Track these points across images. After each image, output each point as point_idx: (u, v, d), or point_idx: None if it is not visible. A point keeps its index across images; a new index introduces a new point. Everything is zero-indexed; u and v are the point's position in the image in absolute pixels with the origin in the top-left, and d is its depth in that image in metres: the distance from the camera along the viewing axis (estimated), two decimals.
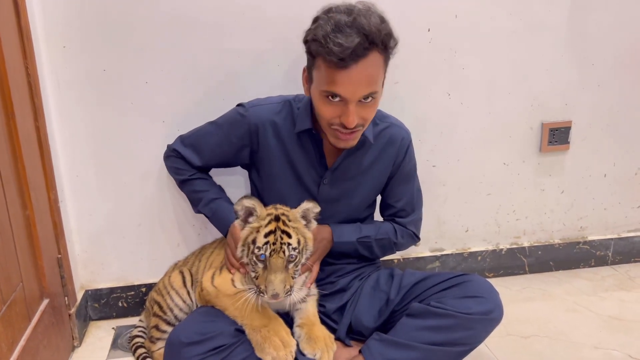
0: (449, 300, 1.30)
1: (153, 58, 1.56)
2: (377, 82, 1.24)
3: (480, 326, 1.29)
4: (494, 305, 1.30)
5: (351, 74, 1.19)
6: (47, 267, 1.42)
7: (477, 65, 1.76)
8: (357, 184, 1.46)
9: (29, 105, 1.37)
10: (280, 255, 1.22)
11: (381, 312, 1.43)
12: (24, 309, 1.28)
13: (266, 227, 1.24)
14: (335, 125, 1.27)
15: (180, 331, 1.22)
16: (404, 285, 1.43)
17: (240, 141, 1.43)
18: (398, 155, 1.47)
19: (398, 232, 1.53)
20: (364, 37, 1.17)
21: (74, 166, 1.62)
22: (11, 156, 1.26)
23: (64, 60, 1.52)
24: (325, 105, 1.26)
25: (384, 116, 1.48)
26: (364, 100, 1.24)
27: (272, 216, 1.26)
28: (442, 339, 1.27)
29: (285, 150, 1.42)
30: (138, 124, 1.61)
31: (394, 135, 1.46)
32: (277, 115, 1.41)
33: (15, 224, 1.26)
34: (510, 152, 1.89)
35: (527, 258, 2.01)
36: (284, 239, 1.23)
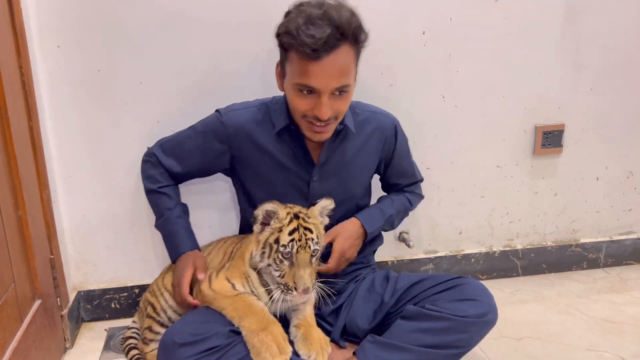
0: (444, 303, 1.31)
1: (148, 58, 1.55)
2: (349, 75, 1.26)
3: (475, 329, 1.30)
4: (488, 308, 1.31)
5: (324, 66, 1.21)
6: (40, 268, 1.41)
7: (472, 69, 1.77)
8: (346, 176, 1.47)
9: (22, 104, 1.36)
10: (306, 250, 1.25)
11: (376, 314, 1.43)
12: (15, 310, 1.27)
13: (289, 226, 1.26)
14: (309, 118, 1.29)
15: (174, 332, 1.21)
16: (399, 288, 1.43)
17: (220, 146, 1.43)
18: (388, 142, 1.50)
19: (411, 200, 1.62)
20: (335, 29, 1.19)
21: (67, 166, 1.61)
22: (4, 155, 1.25)
23: (58, 60, 1.51)
24: (298, 98, 1.28)
25: (365, 105, 1.51)
26: (337, 93, 1.26)
27: (292, 214, 1.28)
28: (437, 341, 1.28)
29: (269, 153, 1.42)
30: (132, 125, 1.60)
31: (378, 123, 1.48)
32: (254, 118, 1.42)
33: (8, 224, 1.25)
34: (503, 155, 1.90)
35: (520, 260, 2.02)
36: (307, 234, 1.26)
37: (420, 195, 1.68)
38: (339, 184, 1.47)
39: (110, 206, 1.66)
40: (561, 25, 1.79)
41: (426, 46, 1.71)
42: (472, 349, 1.54)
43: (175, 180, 1.52)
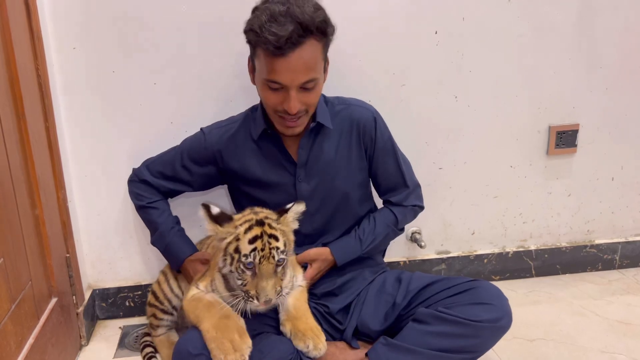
0: (457, 307, 1.30)
1: (162, 60, 1.57)
2: (315, 69, 1.27)
3: (488, 333, 1.29)
4: (503, 313, 1.29)
5: (289, 62, 1.22)
6: (56, 266, 1.44)
7: (485, 68, 1.76)
8: (331, 173, 1.45)
9: (39, 106, 1.39)
10: (270, 261, 1.16)
11: (387, 315, 1.43)
12: (32, 307, 1.29)
13: (249, 233, 1.17)
14: (280, 112, 1.31)
15: (188, 342, 1.21)
16: (411, 290, 1.42)
17: (206, 163, 1.47)
18: (366, 133, 1.47)
19: (398, 216, 1.53)
20: (298, 25, 1.20)
21: (82, 166, 1.64)
22: (21, 156, 1.28)
23: (73, 62, 1.54)
24: (268, 93, 1.30)
25: (344, 99, 1.50)
26: (305, 87, 1.28)
27: (254, 221, 1.19)
28: (450, 345, 1.27)
29: (252, 162, 1.45)
30: (146, 125, 1.62)
31: (354, 115, 1.46)
32: (235, 133, 1.45)
33: (25, 223, 1.27)
34: (517, 155, 1.88)
35: (533, 261, 2.00)
36: (272, 243, 1.17)
37: (416, 208, 1.58)
38: (326, 182, 1.45)
39: (124, 206, 1.68)
40: (576, 25, 1.78)
41: (438, 46, 1.71)
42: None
43: (165, 196, 1.54)
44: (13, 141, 1.23)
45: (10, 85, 1.23)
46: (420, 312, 1.34)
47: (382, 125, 1.50)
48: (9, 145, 1.20)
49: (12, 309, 1.16)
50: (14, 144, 1.23)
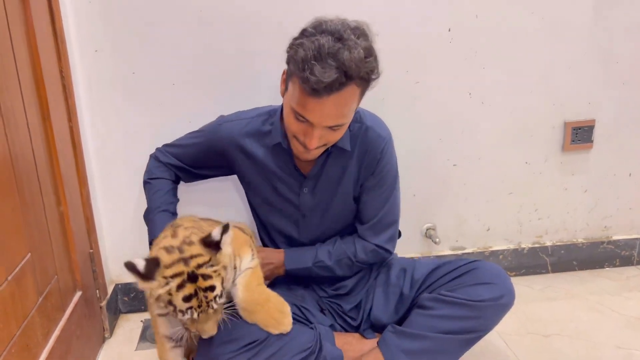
0: (459, 288, 1.32)
1: (180, 60, 1.61)
2: (347, 115, 1.23)
3: (491, 312, 1.30)
4: (505, 290, 1.31)
5: (323, 105, 1.17)
6: (80, 261, 1.49)
7: (498, 65, 1.76)
8: (337, 191, 1.43)
9: (63, 106, 1.44)
10: (209, 312, 1.10)
11: (397, 307, 1.45)
12: (58, 300, 1.34)
13: (181, 291, 1.06)
14: (299, 140, 1.27)
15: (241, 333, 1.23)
16: (417, 279, 1.44)
17: (217, 154, 1.44)
18: (371, 157, 1.40)
19: (358, 249, 1.46)
20: (343, 74, 1.13)
21: (105, 165, 1.69)
22: (47, 155, 1.33)
23: (95, 63, 1.58)
24: (292, 120, 1.24)
25: (363, 117, 1.40)
26: (332, 128, 1.23)
27: (185, 276, 1.06)
28: (455, 327, 1.29)
29: (261, 164, 1.41)
30: (165, 124, 1.66)
31: (371, 138, 1.39)
32: (248, 130, 1.41)
33: (51, 219, 1.33)
34: (532, 151, 1.88)
35: (549, 257, 2.00)
36: (208, 296, 1.08)
37: (381, 250, 1.46)
38: (330, 198, 1.44)
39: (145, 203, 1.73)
40: (591, 19, 1.77)
41: (452, 43, 1.72)
42: (499, 345, 1.57)
43: (180, 179, 1.54)
44: (39, 141, 1.28)
45: (36, 87, 1.28)
46: (423, 297, 1.36)
47: (389, 153, 1.42)
48: (35, 144, 1.25)
49: (39, 301, 1.21)
50: (39, 144, 1.28)
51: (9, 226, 1.08)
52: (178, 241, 1.10)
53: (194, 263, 1.07)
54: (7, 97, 1.10)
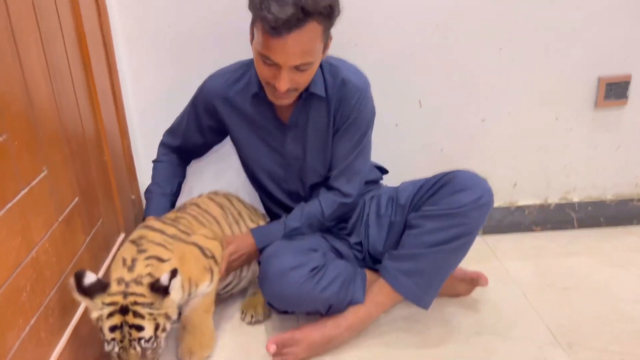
0: (440, 200, 1.39)
1: (215, 15, 1.66)
2: (311, 53, 1.25)
3: (474, 214, 1.36)
4: (482, 192, 1.37)
5: (285, 43, 1.19)
6: (123, 206, 1.62)
7: (531, 18, 1.73)
8: (316, 138, 1.48)
9: (104, 62, 1.53)
10: (131, 353, 1.12)
11: (390, 236, 1.52)
12: (104, 241, 1.47)
13: (109, 320, 1.11)
14: (271, 85, 1.31)
15: (280, 261, 1.36)
16: (402, 205, 1.50)
17: (207, 115, 1.51)
18: (347, 106, 1.42)
19: (324, 207, 1.50)
20: (299, 9, 1.16)
21: (144, 118, 1.78)
22: (90, 108, 1.43)
23: (133, 19, 1.65)
24: (261, 65, 1.28)
25: (339, 68, 1.43)
26: (298, 68, 1.26)
27: (117, 307, 1.11)
28: (444, 236, 1.36)
29: (244, 116, 1.47)
30: (199, 78, 1.71)
31: (347, 88, 1.41)
32: (231, 83, 1.46)
33: (95, 168, 1.44)
34: (562, 107, 1.87)
35: (576, 213, 2.01)
36: (132, 334, 1.11)
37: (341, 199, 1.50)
38: (311, 147, 1.49)
39: None
40: None
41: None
42: (516, 296, 1.63)
43: (185, 156, 1.64)
44: (83, 95, 1.38)
45: (79, 43, 1.36)
46: (410, 217, 1.44)
47: (363, 105, 1.43)
48: (79, 98, 1.34)
49: (86, 241, 1.34)
50: (83, 98, 1.38)
51: (59, 173, 1.19)
52: (131, 277, 1.16)
53: (131, 299, 1.13)
54: (52, 54, 1.18)
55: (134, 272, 1.18)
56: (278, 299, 1.40)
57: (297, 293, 1.35)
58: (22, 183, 1.02)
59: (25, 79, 1.05)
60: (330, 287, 1.38)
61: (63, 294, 1.17)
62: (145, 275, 1.18)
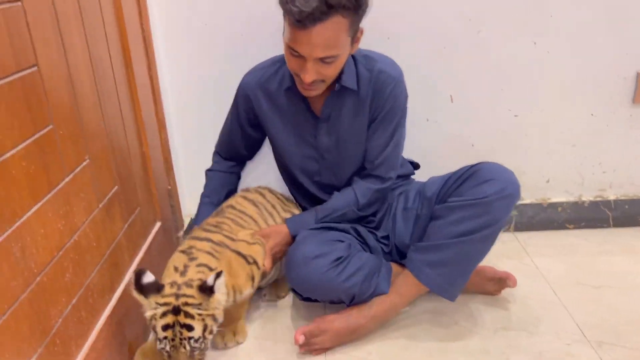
0: (465, 191, 1.40)
1: (248, 12, 1.70)
2: (336, 46, 1.27)
3: (498, 205, 1.36)
4: (506, 183, 1.37)
5: (309, 35, 1.23)
6: (160, 196, 1.68)
7: (567, 12, 1.71)
8: (349, 131, 1.51)
9: (143, 57, 1.59)
10: (181, 351, 1.20)
11: (416, 228, 1.55)
12: (141, 229, 1.54)
13: (162, 319, 1.19)
14: (299, 76, 1.35)
15: (303, 250, 1.41)
16: (429, 197, 1.52)
17: (248, 111, 1.57)
18: (380, 100, 1.46)
19: (359, 195, 1.53)
20: (323, 2, 1.19)
21: (181, 110, 1.85)
22: (130, 101, 1.49)
23: (172, 16, 1.71)
24: (289, 57, 1.33)
25: (374, 59, 1.47)
26: (323, 60, 1.29)
27: (170, 307, 1.19)
28: (468, 227, 1.37)
29: (279, 109, 1.52)
30: (233, 74, 1.75)
31: (381, 79, 1.45)
32: (266, 79, 1.51)
33: (134, 158, 1.51)
34: (599, 103, 1.83)
35: (612, 212, 1.97)
36: (183, 333, 1.18)
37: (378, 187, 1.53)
38: (344, 139, 1.52)
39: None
40: None
41: None
42: (545, 293, 1.61)
43: (237, 160, 1.71)
44: (124, 88, 1.45)
45: (120, 39, 1.43)
46: (435, 209, 1.45)
47: (397, 95, 1.46)
48: (120, 92, 1.41)
49: (124, 228, 1.41)
50: (124, 91, 1.45)
51: (100, 162, 1.25)
52: (182, 280, 1.25)
53: (183, 300, 1.21)
54: (95, 50, 1.25)
55: (186, 276, 1.27)
56: (301, 285, 1.45)
57: (320, 280, 1.39)
58: (66, 170, 1.09)
59: (70, 73, 1.11)
60: (353, 278, 1.41)
61: (102, 277, 1.24)
62: (196, 280, 1.26)
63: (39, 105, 0.99)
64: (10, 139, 0.90)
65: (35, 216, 0.97)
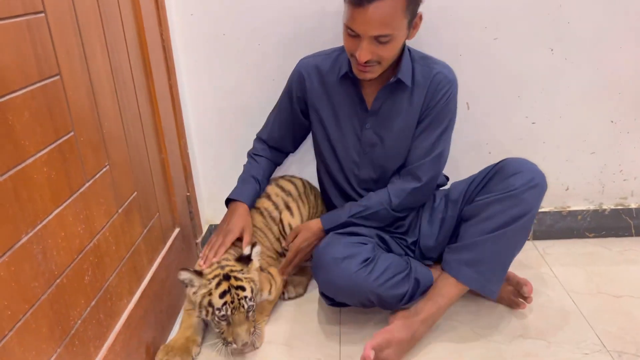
0: (493, 187, 1.43)
1: (264, 22, 1.73)
2: (391, 25, 1.29)
3: (529, 195, 1.39)
4: (533, 173, 1.40)
5: (365, 13, 1.27)
6: (179, 203, 1.71)
7: (584, 19, 1.69)
8: (397, 128, 1.52)
9: (163, 66, 1.63)
10: (240, 311, 1.35)
11: (441, 230, 1.57)
12: (160, 234, 1.57)
13: (218, 288, 1.36)
14: (354, 57, 1.37)
15: (331, 252, 1.44)
16: (454, 200, 1.55)
17: (294, 96, 1.59)
18: (433, 101, 1.49)
19: (392, 195, 1.54)
20: None
21: (200, 119, 1.88)
22: (150, 109, 1.53)
23: (191, 26, 1.75)
24: (346, 37, 1.37)
25: (432, 61, 1.52)
26: (379, 40, 1.31)
27: (221, 276, 1.37)
28: (501, 220, 1.39)
29: (330, 96, 1.55)
30: (252, 82, 1.81)
31: (438, 79, 1.49)
32: (323, 63, 1.55)
33: (153, 165, 1.54)
34: (619, 110, 1.81)
35: (633, 220, 1.94)
36: (239, 294, 1.35)
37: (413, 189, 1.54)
38: (390, 135, 1.53)
39: (235, 153, 1.91)
40: None
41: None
42: (564, 301, 1.59)
43: (283, 147, 1.72)
44: (143, 96, 1.48)
45: (140, 48, 1.47)
46: (465, 210, 1.48)
47: (450, 98, 1.50)
48: (140, 99, 1.45)
49: (143, 233, 1.44)
50: (144, 99, 1.48)
51: (120, 168, 1.29)
52: (216, 259, 1.45)
53: (228, 269, 1.40)
54: (116, 58, 1.29)
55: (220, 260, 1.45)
56: (331, 287, 1.46)
57: (351, 280, 1.40)
58: (86, 175, 1.12)
59: (92, 81, 1.15)
60: (382, 276, 1.42)
61: (121, 280, 1.27)
62: (230, 257, 1.45)
63: (61, 113, 1.03)
64: (33, 145, 0.94)
65: (56, 219, 1.00)
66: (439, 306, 1.45)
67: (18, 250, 0.89)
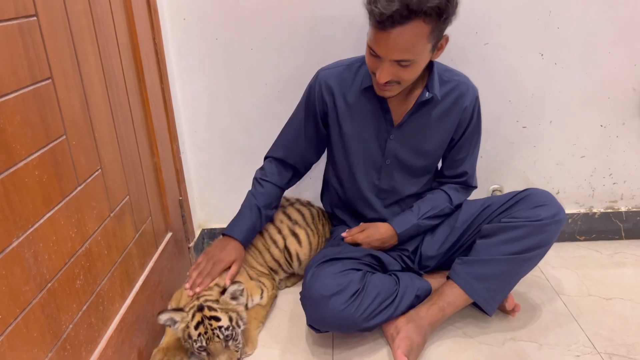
0: (518, 213, 1.46)
1: (257, 27, 1.73)
2: (413, 50, 1.27)
3: (550, 228, 1.43)
4: (558, 209, 1.46)
5: (387, 37, 1.25)
6: (171, 207, 1.71)
7: (574, 25, 1.71)
8: (422, 141, 1.54)
9: (155, 70, 1.63)
10: (215, 341, 1.34)
11: (446, 239, 1.59)
12: (152, 238, 1.57)
13: (193, 320, 1.35)
14: (375, 75, 1.37)
15: (319, 287, 1.40)
16: (471, 213, 1.57)
17: (315, 108, 1.56)
18: (466, 113, 1.52)
19: (452, 197, 1.62)
20: (405, 6, 1.19)
21: (192, 122, 1.88)
22: (142, 113, 1.52)
23: (183, 31, 1.75)
24: (368, 56, 1.36)
25: (451, 73, 1.53)
26: (400, 63, 1.30)
27: (195, 307, 1.37)
28: (521, 247, 1.43)
29: (352, 108, 1.53)
30: (245, 86, 1.82)
31: (462, 92, 1.51)
32: (344, 75, 1.52)
33: (146, 169, 1.53)
34: (608, 114, 1.83)
35: (623, 223, 1.96)
36: (212, 324, 1.34)
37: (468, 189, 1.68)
38: (413, 148, 1.54)
39: (228, 157, 1.92)
40: None
41: (524, 2, 1.69)
42: (556, 303, 1.60)
43: (295, 168, 1.68)
44: (136, 100, 1.48)
45: (133, 52, 1.47)
46: (485, 228, 1.49)
47: (479, 107, 1.56)
48: (132, 104, 1.44)
49: (135, 237, 1.43)
50: (136, 103, 1.48)
51: (112, 172, 1.28)
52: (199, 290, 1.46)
53: (202, 299, 1.40)
54: (108, 61, 1.29)
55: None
56: (320, 323, 1.44)
57: (339, 319, 1.39)
58: (78, 179, 1.12)
59: (84, 85, 1.15)
60: (369, 308, 1.41)
61: (113, 284, 1.27)
62: (213, 286, 1.45)
63: (53, 116, 1.02)
64: (24, 148, 0.93)
65: (47, 223, 1.00)
66: (444, 313, 1.48)
67: (9, 254, 0.89)
